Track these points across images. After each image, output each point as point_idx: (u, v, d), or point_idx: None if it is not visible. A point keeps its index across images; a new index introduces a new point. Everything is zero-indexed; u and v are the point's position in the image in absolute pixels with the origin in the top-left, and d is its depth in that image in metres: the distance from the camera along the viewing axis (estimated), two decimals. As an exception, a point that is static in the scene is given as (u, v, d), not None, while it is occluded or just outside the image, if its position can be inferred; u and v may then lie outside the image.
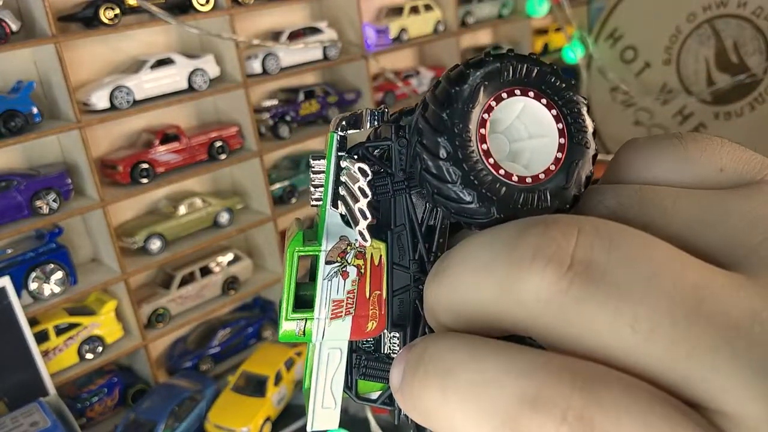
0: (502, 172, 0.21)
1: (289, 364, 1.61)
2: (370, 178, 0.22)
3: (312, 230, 0.25)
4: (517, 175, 0.21)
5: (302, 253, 0.24)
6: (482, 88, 0.21)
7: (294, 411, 1.57)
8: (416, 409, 0.19)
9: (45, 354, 1.45)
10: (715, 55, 1.85)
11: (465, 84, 0.21)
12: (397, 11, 1.99)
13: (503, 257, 0.18)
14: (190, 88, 1.61)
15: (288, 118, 1.79)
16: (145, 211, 1.70)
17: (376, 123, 0.24)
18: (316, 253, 0.23)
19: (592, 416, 0.16)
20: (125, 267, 1.54)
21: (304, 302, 0.24)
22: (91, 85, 1.51)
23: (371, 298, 0.23)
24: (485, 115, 0.21)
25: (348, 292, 0.23)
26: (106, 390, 1.59)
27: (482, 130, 0.21)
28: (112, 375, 1.62)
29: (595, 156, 0.22)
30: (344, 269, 0.23)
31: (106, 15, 1.43)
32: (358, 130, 0.24)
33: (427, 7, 2.02)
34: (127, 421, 1.46)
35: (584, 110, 0.22)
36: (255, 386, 1.54)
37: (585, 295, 0.17)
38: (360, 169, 0.22)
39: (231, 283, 1.78)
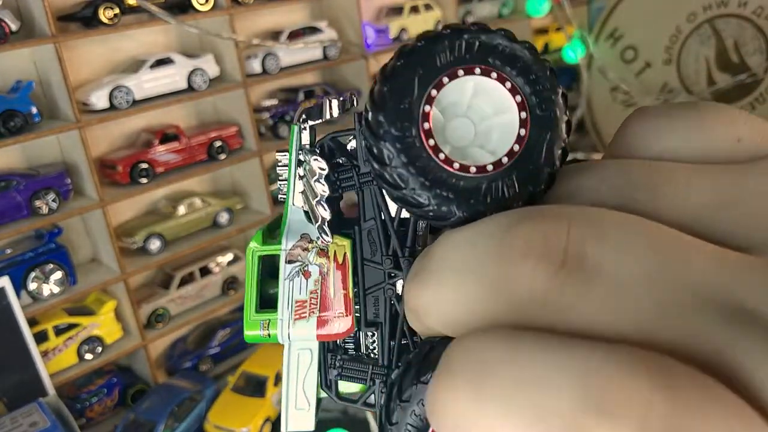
0: (456, 165, 0.18)
1: (289, 365, 1.61)
2: (326, 172, 0.21)
3: (277, 227, 0.24)
4: (476, 165, 0.18)
5: (261, 253, 0.23)
6: (417, 79, 0.19)
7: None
8: (443, 424, 0.15)
9: (44, 354, 1.45)
10: (715, 55, 1.84)
11: (397, 78, 0.19)
12: (397, 11, 1.99)
13: (490, 254, 0.16)
14: (190, 88, 1.60)
15: (288, 118, 1.79)
16: (145, 211, 1.70)
17: (339, 112, 0.22)
18: (276, 252, 0.22)
19: (681, 424, 0.13)
20: (125, 267, 1.54)
21: (269, 302, 0.23)
22: (90, 85, 1.50)
23: (336, 297, 0.22)
24: (427, 108, 0.19)
25: (311, 292, 0.22)
26: (106, 390, 1.59)
27: (426, 125, 0.19)
28: (112, 375, 1.62)
29: (568, 124, 0.19)
30: (306, 269, 0.22)
31: (105, 15, 1.42)
32: (320, 120, 0.23)
33: (427, 7, 2.02)
34: (126, 421, 1.46)
35: (546, 74, 0.19)
36: (255, 386, 1.54)
37: (581, 292, 0.15)
38: (316, 163, 0.21)
39: (231, 283, 1.77)
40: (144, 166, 1.55)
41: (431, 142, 0.19)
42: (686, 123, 0.19)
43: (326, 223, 0.21)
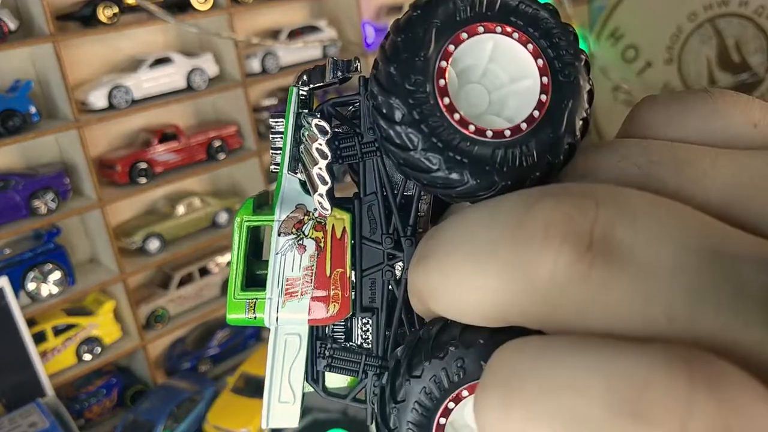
0: (471, 128, 0.17)
1: (289, 365, 1.61)
2: (329, 136, 0.19)
3: (267, 197, 0.22)
4: (492, 130, 0.17)
5: (252, 224, 0.21)
6: (434, 31, 0.17)
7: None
8: None
9: (43, 355, 1.44)
10: (716, 55, 1.84)
11: (412, 29, 0.17)
12: (397, 9, 1.98)
13: (507, 236, 0.15)
14: (189, 88, 1.60)
15: (287, 118, 1.79)
16: (144, 211, 1.70)
17: (340, 75, 0.21)
18: (268, 223, 0.20)
19: (724, 427, 0.12)
20: (123, 267, 1.53)
21: (256, 281, 0.21)
22: (89, 85, 1.50)
23: (332, 276, 0.20)
24: (443, 63, 0.17)
25: (305, 269, 0.20)
26: (105, 391, 1.58)
27: (441, 81, 0.17)
28: (111, 376, 1.61)
29: (591, 93, 0.18)
30: (300, 242, 0.20)
31: (104, 14, 1.42)
32: (321, 83, 0.21)
33: (428, 6, 2.01)
34: (125, 422, 1.45)
35: (570, 38, 0.18)
36: (254, 387, 1.53)
37: (609, 279, 0.14)
38: (318, 126, 0.19)
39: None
40: (143, 165, 1.54)
41: (446, 100, 0.17)
42: (701, 109, 0.18)
43: (326, 193, 0.19)
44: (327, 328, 0.21)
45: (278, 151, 0.21)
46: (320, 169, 0.19)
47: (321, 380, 0.21)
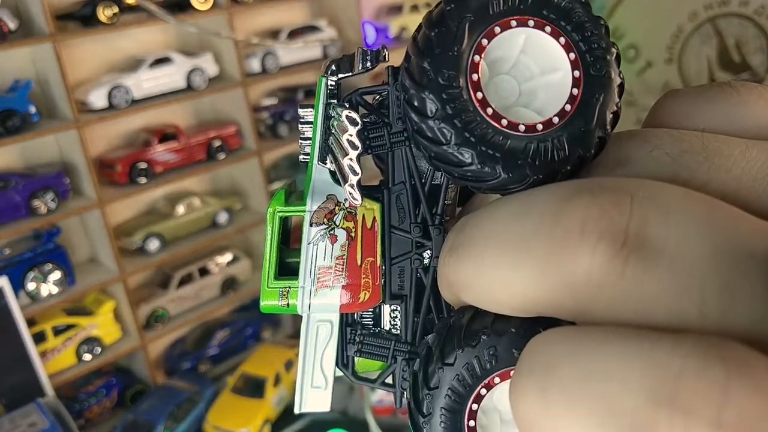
0: (504, 122, 0.17)
1: (289, 365, 1.60)
2: (360, 127, 0.19)
3: (298, 189, 0.22)
4: (525, 124, 0.17)
5: (284, 214, 0.21)
6: (467, 26, 0.17)
7: (293, 413, 1.56)
8: (521, 426, 0.15)
9: (43, 355, 1.44)
10: (717, 54, 1.84)
11: (445, 23, 0.17)
12: (397, 9, 1.98)
13: (543, 232, 0.15)
14: (189, 87, 1.60)
15: (287, 117, 1.78)
16: (144, 210, 1.69)
17: (370, 65, 0.21)
18: (300, 213, 0.21)
19: (762, 415, 0.12)
20: (123, 267, 1.53)
21: (289, 270, 0.21)
22: (89, 84, 1.50)
23: (363, 265, 0.20)
24: (476, 57, 0.17)
25: (336, 258, 0.20)
26: (105, 391, 1.58)
27: (474, 76, 0.17)
28: (111, 376, 1.61)
29: (621, 87, 0.18)
30: (332, 232, 0.20)
31: (104, 13, 1.42)
32: (350, 73, 0.21)
33: (428, 5, 2.01)
34: (125, 422, 1.45)
35: (602, 32, 0.18)
36: (254, 387, 1.53)
37: (644, 275, 0.14)
38: (348, 117, 0.19)
39: (230, 284, 1.77)
40: (143, 165, 1.54)
41: (479, 95, 0.17)
42: (724, 100, 0.18)
43: (357, 183, 0.19)
44: (356, 315, 0.22)
45: (307, 141, 0.21)
46: (351, 159, 0.19)
47: (351, 365, 0.22)
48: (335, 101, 0.21)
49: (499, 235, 0.16)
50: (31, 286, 1.43)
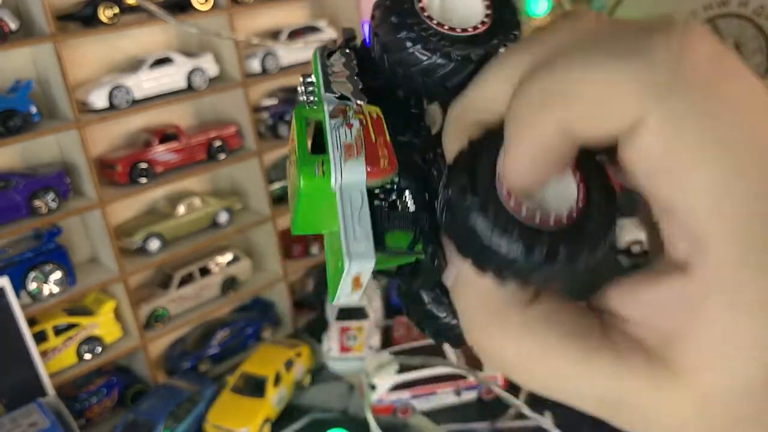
0: (446, 27, 0.24)
1: (289, 365, 1.61)
2: (345, 60, 0.26)
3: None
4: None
5: (306, 114, 0.26)
6: None
7: (293, 412, 1.57)
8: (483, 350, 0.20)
9: (44, 354, 1.44)
10: (716, 55, 1.84)
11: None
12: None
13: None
14: (189, 88, 1.60)
15: (288, 118, 1.79)
16: (144, 211, 1.70)
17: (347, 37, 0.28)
18: (320, 113, 0.25)
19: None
20: (124, 267, 1.54)
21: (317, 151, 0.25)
22: (89, 85, 1.50)
23: (378, 141, 0.24)
24: None
25: (356, 138, 0.24)
26: (105, 391, 1.58)
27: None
28: (111, 375, 1.61)
29: None
30: (348, 122, 0.24)
31: (105, 14, 1.42)
32: (337, 48, 0.29)
33: (428, 7, 2.02)
34: (125, 421, 1.45)
35: None
36: (254, 387, 1.53)
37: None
38: (347, 44, 0.26)
39: (230, 284, 1.77)
40: (143, 165, 1.55)
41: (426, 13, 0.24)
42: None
43: (356, 89, 0.25)
44: (374, 198, 0.25)
45: (311, 95, 0.26)
46: (354, 73, 0.26)
47: (382, 242, 0.24)
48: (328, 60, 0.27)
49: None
50: (32, 285, 1.43)
